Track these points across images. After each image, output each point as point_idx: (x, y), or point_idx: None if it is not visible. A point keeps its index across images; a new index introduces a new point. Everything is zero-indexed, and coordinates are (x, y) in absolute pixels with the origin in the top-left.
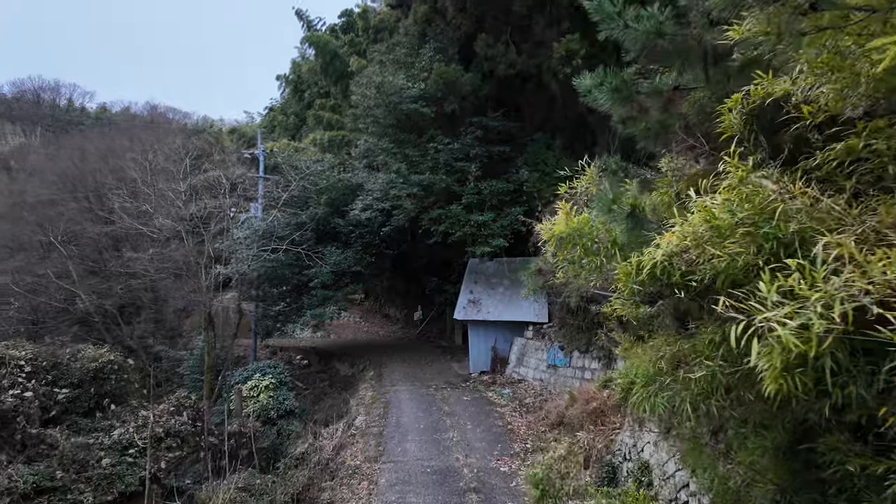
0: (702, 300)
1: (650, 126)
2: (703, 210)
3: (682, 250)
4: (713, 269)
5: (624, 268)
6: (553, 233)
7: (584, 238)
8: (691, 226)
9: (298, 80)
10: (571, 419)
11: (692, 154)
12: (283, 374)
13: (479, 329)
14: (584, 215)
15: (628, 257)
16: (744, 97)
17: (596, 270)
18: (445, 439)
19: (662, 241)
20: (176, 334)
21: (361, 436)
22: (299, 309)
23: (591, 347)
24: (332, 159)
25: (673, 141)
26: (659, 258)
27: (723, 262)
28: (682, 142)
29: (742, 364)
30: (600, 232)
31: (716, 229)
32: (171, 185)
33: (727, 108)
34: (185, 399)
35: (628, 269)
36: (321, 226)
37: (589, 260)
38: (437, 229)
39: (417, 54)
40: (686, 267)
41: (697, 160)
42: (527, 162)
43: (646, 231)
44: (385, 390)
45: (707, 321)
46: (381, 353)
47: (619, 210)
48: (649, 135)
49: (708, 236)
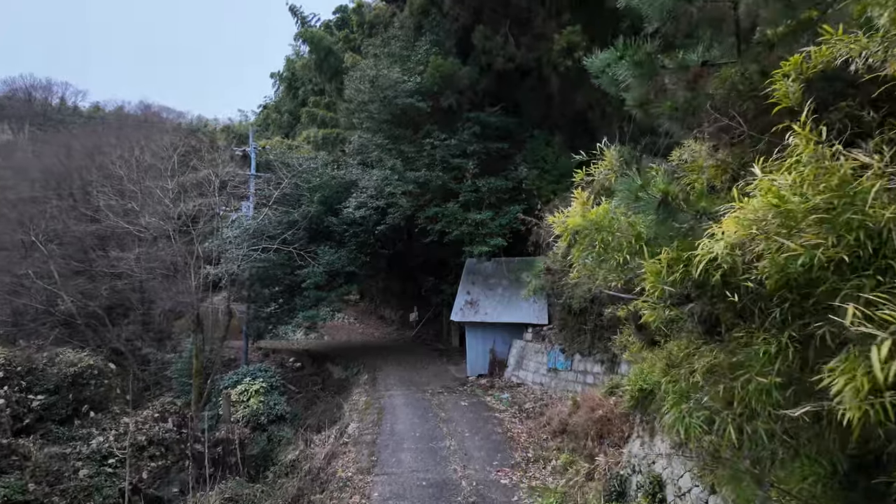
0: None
1: (677, 106)
2: (769, 192)
3: (745, 242)
4: (777, 265)
5: (653, 266)
6: (567, 226)
7: (604, 232)
8: (754, 211)
9: (293, 77)
10: (575, 427)
11: (724, 137)
12: (275, 377)
13: (477, 331)
14: (602, 206)
15: (657, 253)
16: (804, 60)
17: (617, 269)
18: (442, 448)
19: (721, 229)
20: (165, 336)
21: (354, 444)
22: (291, 310)
23: (594, 350)
24: (325, 157)
25: (706, 120)
26: (720, 251)
27: (796, 257)
28: (716, 121)
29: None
30: (622, 225)
31: (785, 216)
32: (158, 183)
33: (782, 73)
34: (170, 405)
35: (658, 266)
36: (314, 224)
37: (609, 257)
38: (433, 228)
39: (413, 47)
40: (743, 263)
41: (733, 142)
42: (526, 159)
43: (677, 223)
44: (379, 395)
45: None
46: (375, 355)
47: (649, 198)
48: (675, 116)
49: (774, 225)
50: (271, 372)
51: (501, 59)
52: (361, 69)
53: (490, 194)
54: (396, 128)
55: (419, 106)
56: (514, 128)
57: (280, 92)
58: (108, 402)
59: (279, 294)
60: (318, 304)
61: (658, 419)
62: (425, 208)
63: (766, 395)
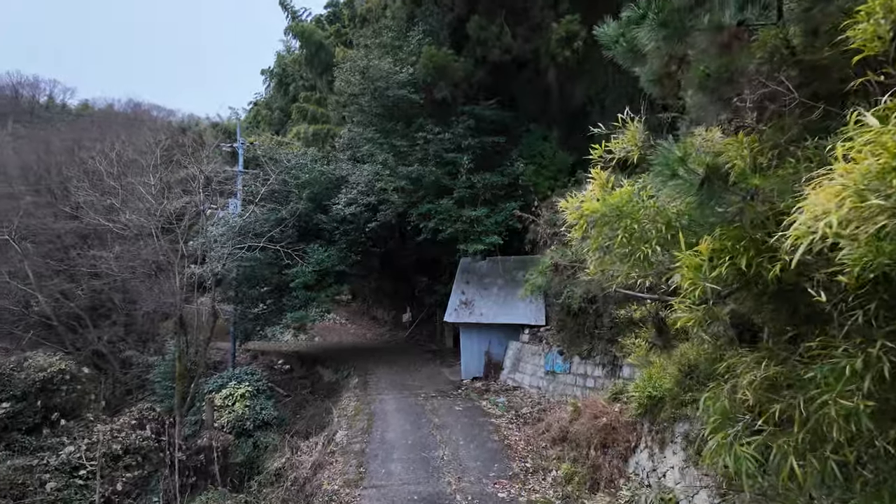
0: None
1: (709, 72)
2: (886, 149)
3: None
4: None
5: (691, 258)
6: (582, 213)
7: (627, 219)
8: (862, 178)
9: (283, 73)
10: (577, 435)
11: (769, 107)
12: (262, 381)
13: (472, 332)
14: (625, 188)
15: (694, 244)
16: None
17: (642, 264)
18: (435, 458)
19: (814, 202)
20: (149, 338)
21: (342, 454)
22: (279, 311)
23: (594, 353)
24: (315, 152)
25: (748, 87)
26: (828, 228)
27: None
28: (761, 87)
29: None
30: (650, 211)
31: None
32: (140, 179)
33: (864, 14)
34: (149, 411)
35: (697, 259)
36: (303, 222)
37: (633, 249)
38: (426, 226)
39: (406, 38)
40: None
41: (782, 111)
42: (522, 154)
43: (721, 207)
44: (370, 399)
45: (828, 337)
46: (367, 357)
47: (689, 175)
48: (706, 85)
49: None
50: (258, 375)
51: (497, 51)
52: (352, 59)
53: (485, 190)
54: (388, 121)
55: (412, 98)
56: (510, 122)
57: (271, 89)
58: (81, 408)
59: (267, 294)
60: (307, 305)
61: (669, 429)
62: (418, 205)
63: (852, 421)
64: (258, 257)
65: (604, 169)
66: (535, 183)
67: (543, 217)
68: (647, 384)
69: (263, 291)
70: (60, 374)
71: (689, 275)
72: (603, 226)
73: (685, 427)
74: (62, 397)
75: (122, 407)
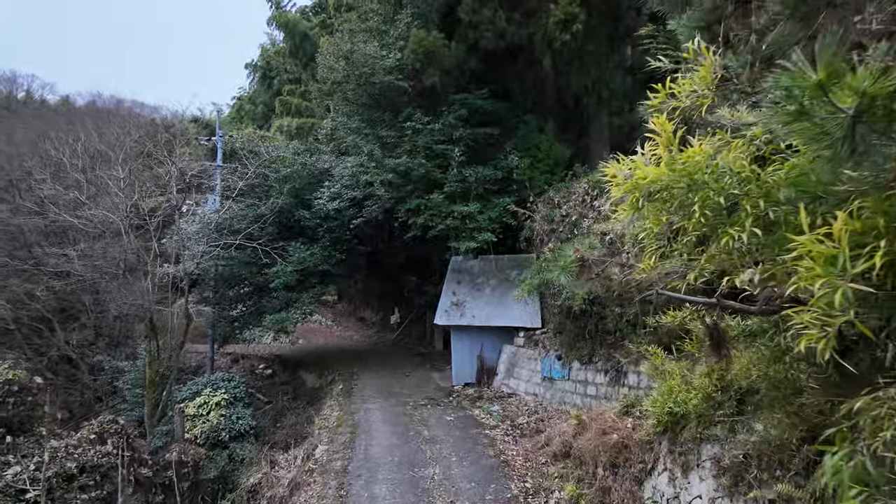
0: None
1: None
2: None
3: None
4: None
5: (816, 246)
6: (635, 183)
7: (705, 189)
8: None
9: (267, 66)
10: (581, 451)
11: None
12: (239, 387)
13: (464, 335)
14: (697, 148)
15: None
16: None
17: (730, 254)
18: (425, 478)
19: None
20: (121, 341)
21: (321, 473)
22: (259, 313)
23: (596, 358)
24: (297, 145)
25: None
26: None
27: None
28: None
29: None
30: (739, 176)
31: None
32: (108, 172)
33: None
34: (110, 424)
35: (828, 248)
36: (284, 218)
37: (721, 231)
38: (415, 222)
39: (393, 22)
40: None
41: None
42: (517, 147)
43: (878, 161)
44: (354, 408)
45: None
46: (353, 360)
47: (830, 114)
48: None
49: None
50: (236, 381)
51: (490, 35)
52: (335, 44)
53: (478, 184)
54: (374, 110)
55: (399, 85)
56: (504, 113)
57: (255, 83)
58: (34, 422)
59: (246, 296)
60: (289, 307)
61: (694, 451)
62: (406, 200)
63: None
64: (236, 256)
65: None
66: (531, 177)
67: (540, 213)
68: (667, 398)
69: (242, 292)
70: (8, 384)
71: (818, 270)
72: (665, 201)
73: (715, 450)
74: (10, 410)
75: (91, 416)
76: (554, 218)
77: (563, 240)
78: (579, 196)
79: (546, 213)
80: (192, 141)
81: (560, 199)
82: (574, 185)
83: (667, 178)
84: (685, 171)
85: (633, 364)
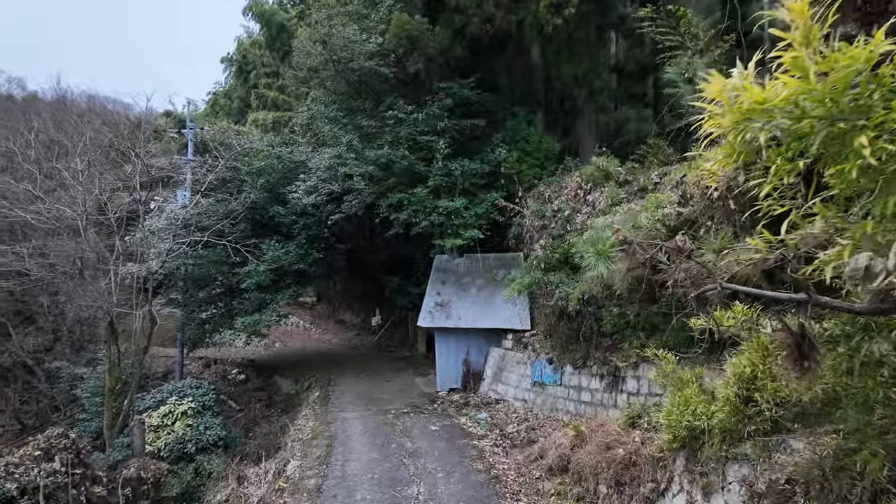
0: None
1: None
2: None
3: None
4: None
5: None
6: (743, 110)
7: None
8: None
9: (244, 59)
10: (580, 466)
11: None
12: (208, 395)
13: (449, 338)
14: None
15: None
16: None
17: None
18: (408, 497)
19: None
20: (81, 346)
21: (292, 492)
22: (230, 315)
23: (590, 362)
24: (272, 138)
25: None
26: None
27: None
28: None
29: None
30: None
31: None
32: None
33: None
34: (59, 438)
35: None
36: (257, 215)
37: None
38: (397, 218)
39: (374, 5)
40: None
41: None
42: (505, 140)
43: None
44: (332, 418)
45: None
46: (331, 365)
47: None
48: None
49: None
50: (204, 388)
51: (477, 20)
52: (312, 26)
53: (464, 179)
54: (353, 99)
55: (380, 71)
56: (492, 104)
57: (231, 77)
58: None
59: (217, 297)
60: (262, 309)
61: (718, 471)
62: (388, 195)
63: None
64: (205, 255)
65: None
66: (520, 171)
67: (529, 208)
68: (684, 410)
69: (213, 293)
70: None
71: None
72: (795, 140)
73: (744, 471)
74: None
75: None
76: (545, 213)
77: (556, 236)
78: (572, 190)
79: (536, 208)
80: (161, 135)
81: (551, 194)
82: (566, 179)
83: (805, 97)
84: (828, 94)
85: (632, 368)
